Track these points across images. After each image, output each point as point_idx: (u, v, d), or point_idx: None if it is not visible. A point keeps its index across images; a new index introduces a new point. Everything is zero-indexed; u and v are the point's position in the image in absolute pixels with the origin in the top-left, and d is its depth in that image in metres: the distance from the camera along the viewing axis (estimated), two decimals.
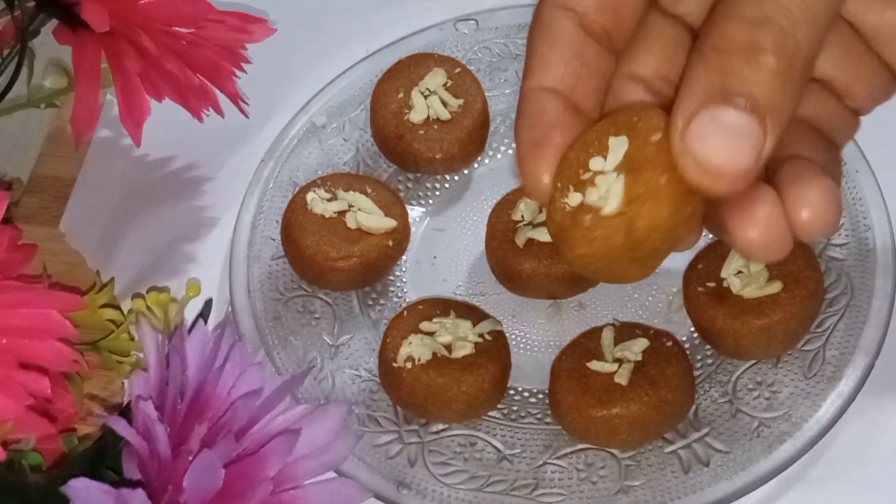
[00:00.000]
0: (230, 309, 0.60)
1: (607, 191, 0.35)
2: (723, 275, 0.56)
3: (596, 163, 0.36)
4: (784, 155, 0.37)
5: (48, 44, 0.60)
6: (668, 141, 0.34)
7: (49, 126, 0.69)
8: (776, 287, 0.55)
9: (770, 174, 0.36)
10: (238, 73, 0.60)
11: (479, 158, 0.65)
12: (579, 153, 0.37)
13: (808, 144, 0.38)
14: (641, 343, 0.55)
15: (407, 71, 0.65)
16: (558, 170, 0.37)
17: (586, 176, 0.36)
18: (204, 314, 0.57)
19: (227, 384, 0.49)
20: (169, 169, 0.67)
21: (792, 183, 0.35)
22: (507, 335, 0.58)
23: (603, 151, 0.36)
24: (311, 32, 0.72)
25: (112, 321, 0.58)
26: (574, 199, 0.36)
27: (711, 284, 0.56)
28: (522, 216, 0.59)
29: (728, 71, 0.34)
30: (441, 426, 0.56)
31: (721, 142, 0.33)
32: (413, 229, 0.62)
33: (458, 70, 0.64)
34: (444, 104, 0.63)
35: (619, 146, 0.36)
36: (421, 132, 0.63)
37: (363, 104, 0.66)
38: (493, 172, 0.65)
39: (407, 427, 0.56)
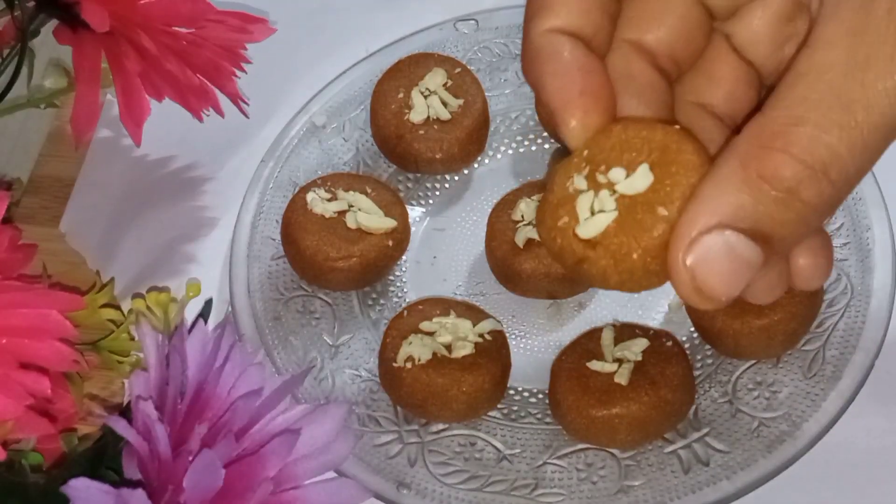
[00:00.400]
0: (230, 309, 0.60)
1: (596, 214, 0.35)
2: None
3: (616, 174, 0.35)
4: None
5: (48, 44, 0.60)
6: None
7: (49, 126, 0.69)
8: None
9: None
10: (238, 73, 0.60)
11: (479, 158, 0.65)
12: (591, 155, 0.35)
13: None
14: (641, 343, 0.55)
15: (407, 71, 0.65)
16: (556, 174, 0.36)
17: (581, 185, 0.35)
18: (204, 314, 0.57)
19: (227, 384, 0.49)
20: (169, 169, 0.67)
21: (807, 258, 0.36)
22: (507, 335, 0.58)
23: (626, 165, 0.35)
24: (311, 32, 0.72)
25: (112, 321, 0.58)
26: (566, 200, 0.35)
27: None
28: (522, 216, 0.59)
29: (758, 199, 0.32)
30: (441, 426, 0.56)
31: (725, 269, 0.33)
32: (413, 229, 0.62)
33: (458, 70, 0.64)
34: (444, 104, 0.63)
35: (643, 177, 0.35)
36: (421, 132, 0.63)
37: (363, 104, 0.66)
38: (493, 172, 0.65)
39: (407, 427, 0.56)
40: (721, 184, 0.33)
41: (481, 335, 0.56)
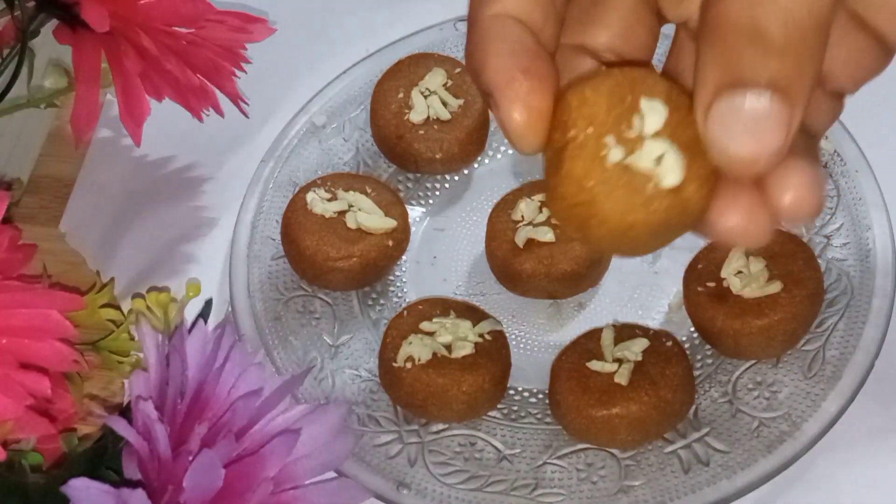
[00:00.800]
0: (230, 309, 0.60)
1: (662, 158, 0.32)
2: (723, 275, 0.56)
3: (634, 122, 0.32)
4: None
5: (48, 44, 0.60)
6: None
7: (49, 126, 0.69)
8: (776, 287, 0.55)
9: None
10: (238, 73, 0.60)
11: (479, 158, 0.65)
12: (609, 98, 0.32)
13: None
14: (641, 343, 0.55)
15: (407, 71, 0.65)
16: (576, 110, 0.32)
17: (628, 133, 0.32)
18: (204, 314, 0.57)
19: (227, 384, 0.49)
20: (169, 169, 0.67)
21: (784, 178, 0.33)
22: (507, 335, 0.58)
23: (632, 110, 0.32)
24: (311, 32, 0.72)
25: (112, 321, 0.58)
26: (615, 154, 0.32)
27: (711, 284, 0.56)
28: (522, 216, 0.59)
29: (734, 57, 0.31)
30: (441, 426, 0.56)
31: (745, 130, 0.31)
32: (413, 229, 0.62)
33: (458, 70, 0.64)
34: (444, 104, 0.63)
35: (654, 112, 0.32)
36: (421, 132, 0.63)
37: (363, 104, 0.66)
38: (493, 172, 0.65)
39: (407, 427, 0.56)
40: (700, 73, 0.32)
41: (481, 335, 0.56)
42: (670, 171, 0.32)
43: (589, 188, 0.31)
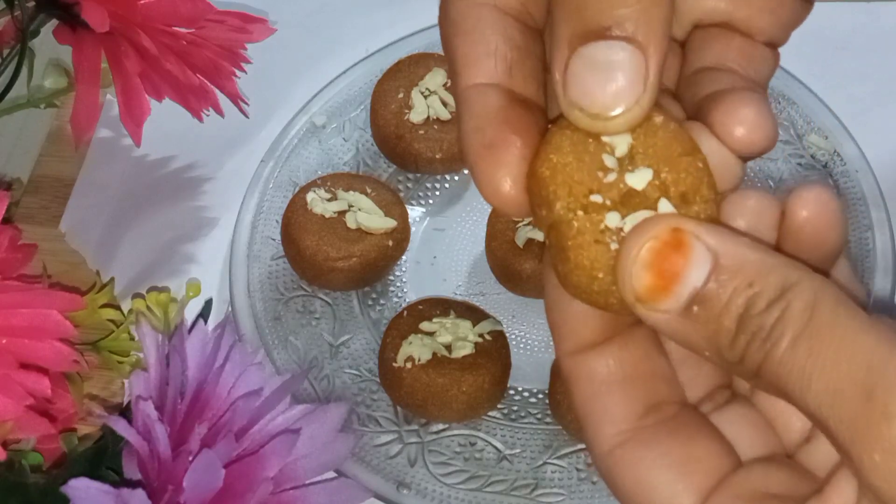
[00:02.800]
0: (230, 309, 0.60)
1: (657, 204, 0.31)
2: None
3: (606, 161, 0.32)
4: (700, 95, 0.35)
5: (48, 44, 0.60)
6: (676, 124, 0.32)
7: (49, 126, 0.69)
8: None
9: (693, 116, 0.34)
10: (238, 73, 0.60)
11: None
12: (574, 153, 0.32)
13: (723, 84, 0.35)
14: None
15: (407, 71, 0.65)
16: (551, 181, 0.32)
17: (609, 178, 0.31)
18: (204, 314, 0.57)
19: (227, 384, 0.49)
20: (169, 169, 0.67)
21: (716, 107, 0.33)
22: (507, 335, 0.58)
23: (600, 151, 0.32)
24: (311, 32, 0.72)
25: (112, 321, 0.58)
26: (612, 219, 0.31)
27: None
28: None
29: (582, 8, 0.31)
30: (441, 426, 0.56)
31: (598, 81, 0.31)
32: (413, 229, 0.62)
33: None
34: (444, 104, 0.63)
35: (621, 142, 0.32)
36: (421, 132, 0.63)
37: (363, 104, 0.66)
38: None
39: (407, 427, 0.56)
40: (553, 33, 0.32)
41: (481, 335, 0.56)
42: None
43: (601, 279, 0.31)
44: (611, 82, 0.31)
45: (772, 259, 0.31)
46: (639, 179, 0.31)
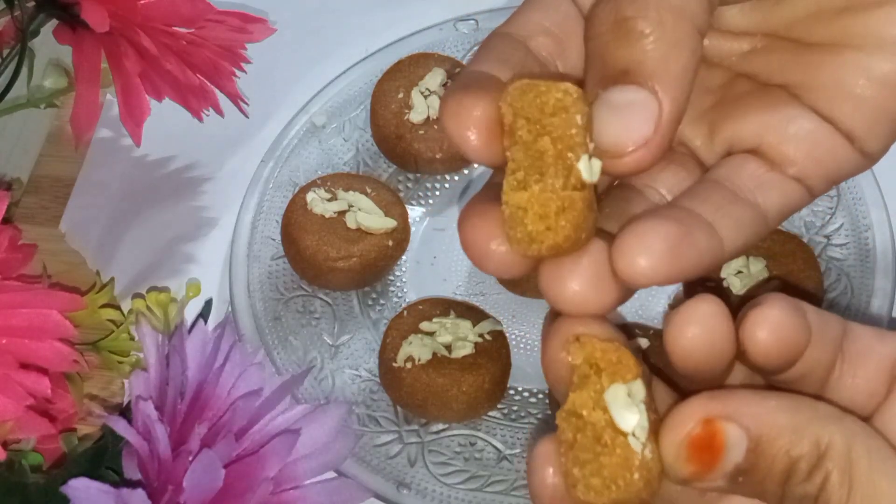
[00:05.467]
0: (230, 309, 0.60)
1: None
2: (723, 274, 0.56)
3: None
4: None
5: (48, 44, 0.60)
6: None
7: (49, 126, 0.69)
8: (776, 287, 0.55)
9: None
10: (238, 73, 0.60)
11: None
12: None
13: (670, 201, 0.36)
14: (641, 343, 0.55)
15: (407, 71, 0.65)
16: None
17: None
18: (204, 314, 0.57)
19: (227, 384, 0.49)
20: (169, 169, 0.67)
21: (622, 234, 0.33)
22: (507, 335, 0.58)
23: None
24: (310, 32, 0.72)
25: (112, 321, 0.58)
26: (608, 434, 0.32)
27: (711, 284, 0.56)
28: None
29: (606, 55, 0.33)
30: (441, 426, 0.56)
31: (614, 120, 0.32)
32: (413, 229, 0.62)
33: (458, 70, 0.64)
34: None
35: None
36: (421, 132, 0.63)
37: (363, 104, 0.66)
38: None
39: (407, 427, 0.56)
40: (586, 83, 0.34)
41: (481, 335, 0.56)
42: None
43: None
44: (623, 122, 0.32)
45: (801, 416, 0.32)
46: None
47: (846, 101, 0.35)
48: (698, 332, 0.33)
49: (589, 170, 0.32)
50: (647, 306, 0.60)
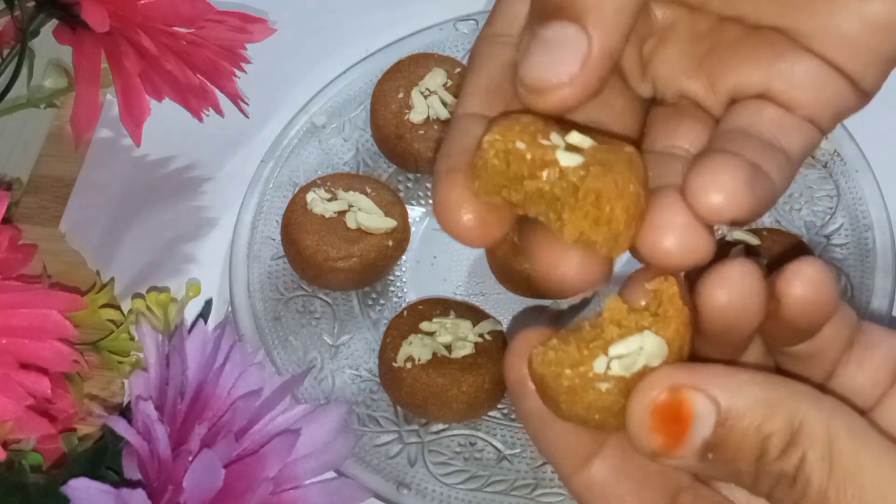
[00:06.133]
0: (230, 309, 0.60)
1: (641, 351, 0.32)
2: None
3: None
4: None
5: (48, 44, 0.60)
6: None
7: (49, 126, 0.69)
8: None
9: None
10: (238, 73, 0.60)
11: None
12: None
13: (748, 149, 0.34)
14: None
15: (407, 71, 0.65)
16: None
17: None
18: (204, 314, 0.57)
19: (227, 384, 0.49)
20: (169, 169, 0.67)
21: (696, 172, 0.32)
22: (507, 335, 0.58)
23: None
24: (310, 32, 0.72)
25: (112, 321, 0.58)
26: (599, 364, 0.32)
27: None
28: None
29: None
30: (441, 426, 0.56)
31: (540, 56, 0.32)
32: (413, 229, 0.62)
33: (458, 70, 0.64)
34: (444, 104, 0.63)
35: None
36: (421, 132, 0.63)
37: (363, 104, 0.66)
38: None
39: (407, 427, 0.56)
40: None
41: (481, 335, 0.56)
42: (654, 356, 0.32)
43: (598, 419, 0.32)
44: (548, 57, 0.32)
45: (774, 392, 0.31)
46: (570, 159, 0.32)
47: (843, 44, 0.35)
48: (734, 291, 0.31)
49: (570, 156, 0.31)
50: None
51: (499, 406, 0.57)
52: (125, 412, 0.48)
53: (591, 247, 0.31)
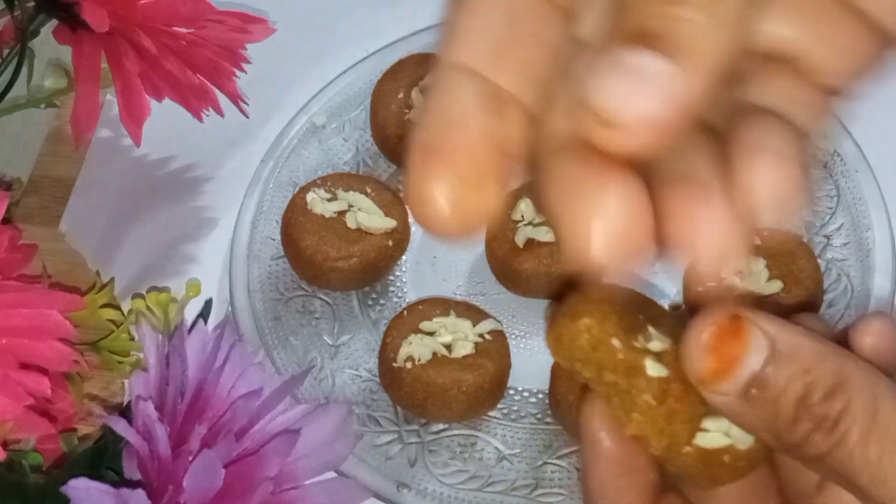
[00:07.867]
0: (230, 309, 0.60)
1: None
2: (723, 275, 0.56)
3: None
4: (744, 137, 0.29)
5: (48, 44, 0.60)
6: None
7: (49, 126, 0.69)
8: (776, 286, 0.55)
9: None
10: (238, 73, 0.60)
11: None
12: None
13: (764, 131, 0.29)
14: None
15: (407, 71, 0.65)
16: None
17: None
18: (204, 314, 0.57)
19: (227, 384, 0.49)
20: (169, 169, 0.67)
21: (740, 167, 0.28)
22: (507, 335, 0.58)
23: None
24: (311, 32, 0.72)
25: (112, 321, 0.58)
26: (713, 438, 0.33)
27: (711, 284, 0.56)
28: (522, 216, 0.59)
29: (638, 5, 0.25)
30: (441, 426, 0.56)
31: (620, 82, 0.25)
32: (413, 229, 0.62)
33: None
34: None
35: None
36: None
37: (363, 104, 0.66)
38: None
39: (407, 427, 0.56)
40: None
41: (481, 335, 0.56)
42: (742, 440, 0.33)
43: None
44: (630, 86, 0.25)
45: (826, 348, 0.32)
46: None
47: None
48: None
49: (656, 367, 0.32)
50: None
51: (499, 406, 0.57)
52: (125, 412, 0.48)
53: (644, 444, 0.33)
